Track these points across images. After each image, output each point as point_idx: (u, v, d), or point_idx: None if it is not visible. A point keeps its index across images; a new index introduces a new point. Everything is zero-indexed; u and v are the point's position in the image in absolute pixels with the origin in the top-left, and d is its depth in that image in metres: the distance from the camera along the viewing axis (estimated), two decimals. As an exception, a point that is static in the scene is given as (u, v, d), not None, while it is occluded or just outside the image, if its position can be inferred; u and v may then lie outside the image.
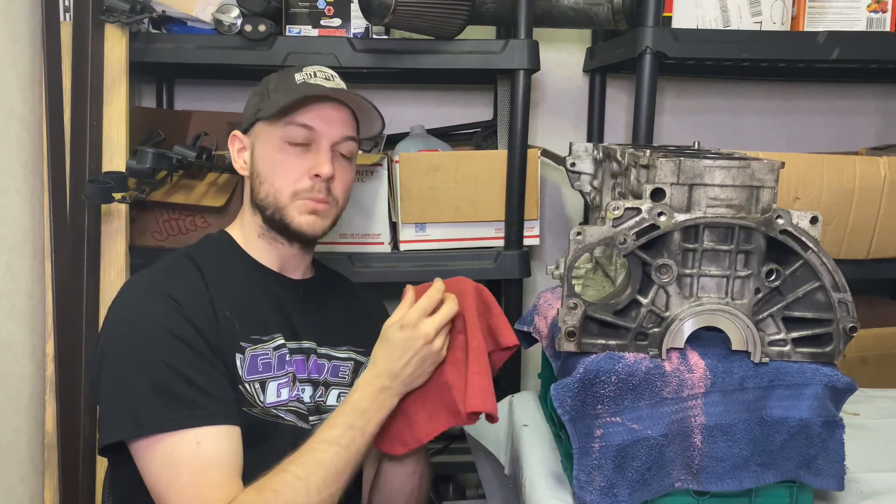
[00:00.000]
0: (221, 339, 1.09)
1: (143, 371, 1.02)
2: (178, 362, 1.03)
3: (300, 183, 1.17)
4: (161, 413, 1.00)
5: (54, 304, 1.46)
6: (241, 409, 1.08)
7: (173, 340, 1.04)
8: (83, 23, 1.47)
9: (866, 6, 1.67)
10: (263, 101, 1.21)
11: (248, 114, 1.24)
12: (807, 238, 0.93)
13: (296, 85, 1.20)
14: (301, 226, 1.18)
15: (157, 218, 1.65)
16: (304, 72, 1.22)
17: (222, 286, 1.14)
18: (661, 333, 0.95)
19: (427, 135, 1.87)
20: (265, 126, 1.20)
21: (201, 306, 1.09)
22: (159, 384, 1.01)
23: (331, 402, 1.20)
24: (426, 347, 1.09)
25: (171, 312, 1.06)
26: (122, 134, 1.52)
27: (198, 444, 0.99)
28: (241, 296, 1.15)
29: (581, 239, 0.93)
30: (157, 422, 1.00)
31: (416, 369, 1.09)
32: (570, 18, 1.74)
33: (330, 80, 1.23)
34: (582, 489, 0.93)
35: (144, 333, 1.05)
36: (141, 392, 1.01)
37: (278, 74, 1.24)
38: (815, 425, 0.94)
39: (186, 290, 1.10)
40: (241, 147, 1.24)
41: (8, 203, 1.41)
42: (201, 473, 0.99)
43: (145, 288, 1.11)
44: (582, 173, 1.25)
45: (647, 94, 1.60)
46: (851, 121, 2.17)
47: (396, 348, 1.09)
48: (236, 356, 1.10)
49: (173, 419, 1.00)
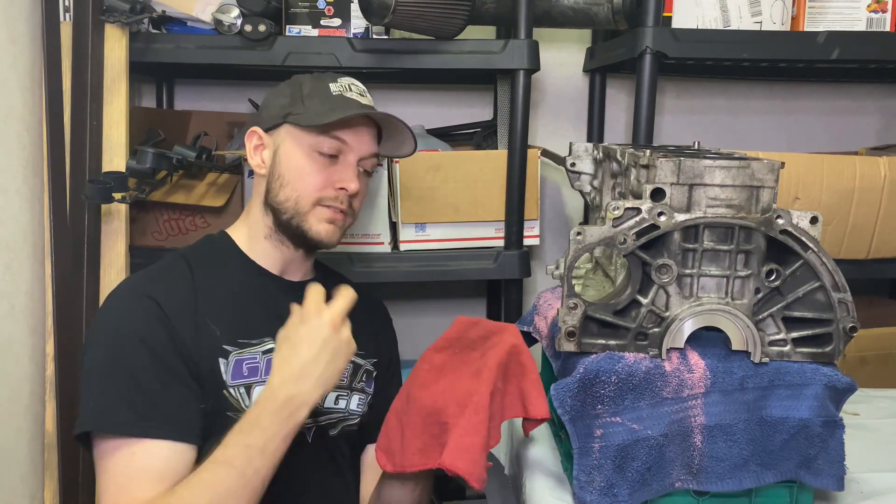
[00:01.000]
0: (200, 345, 1.09)
1: (108, 374, 1.04)
2: (141, 372, 1.04)
3: (325, 192, 1.19)
4: (110, 415, 1.02)
5: (54, 304, 1.46)
6: (227, 415, 1.08)
7: (142, 349, 1.05)
8: (83, 23, 1.47)
9: (866, 6, 1.67)
10: (296, 106, 1.20)
11: (273, 112, 1.22)
12: (807, 238, 0.93)
13: (333, 97, 1.20)
14: (319, 234, 1.19)
15: (157, 218, 1.65)
16: (340, 83, 1.23)
17: (212, 289, 1.14)
18: (661, 333, 0.95)
19: (427, 135, 1.87)
20: (295, 130, 1.19)
21: (182, 312, 1.09)
22: (117, 389, 1.03)
23: (328, 405, 1.20)
24: (335, 336, 1.01)
25: (149, 319, 1.07)
26: (122, 134, 1.52)
27: (132, 455, 1.00)
28: (232, 299, 1.15)
29: (581, 239, 0.93)
30: (99, 423, 1.02)
31: (327, 365, 1.00)
32: (570, 18, 1.74)
33: (363, 95, 1.25)
34: (582, 489, 0.93)
35: (117, 338, 1.06)
36: (99, 392, 1.03)
37: (311, 79, 1.23)
38: (815, 425, 0.94)
39: (172, 294, 1.11)
40: (260, 144, 1.23)
41: (8, 203, 1.41)
42: (123, 484, 0.99)
43: (130, 291, 1.12)
44: (582, 173, 1.25)
45: (647, 94, 1.60)
46: (851, 121, 2.17)
47: (301, 344, 1.00)
48: (219, 361, 1.10)
49: (116, 423, 1.01)
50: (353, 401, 1.24)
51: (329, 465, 1.21)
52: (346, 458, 1.24)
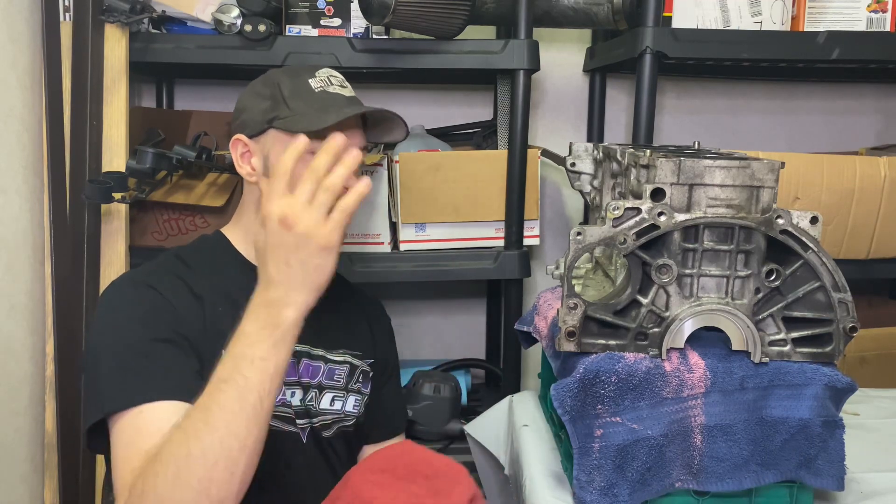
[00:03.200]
0: (204, 330, 1.08)
1: (113, 360, 1.02)
2: (145, 349, 1.02)
3: None
4: (116, 392, 0.99)
5: (54, 304, 1.46)
6: None
7: (143, 330, 1.03)
8: (83, 23, 1.47)
9: (866, 6, 1.67)
10: (280, 109, 1.17)
11: (256, 118, 1.19)
12: (807, 238, 0.93)
13: (316, 94, 1.17)
14: None
15: (157, 218, 1.65)
16: (318, 77, 1.19)
17: (209, 286, 1.14)
18: (661, 333, 0.95)
19: (427, 135, 1.88)
20: (282, 135, 1.16)
21: (183, 299, 1.09)
22: (121, 365, 1.01)
23: (323, 406, 1.19)
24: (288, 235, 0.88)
25: (151, 304, 1.06)
26: (122, 134, 1.52)
27: (139, 413, 0.97)
28: (227, 299, 1.14)
29: (581, 239, 0.93)
30: (112, 400, 0.99)
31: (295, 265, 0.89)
32: (570, 18, 1.74)
33: (345, 86, 1.22)
34: (582, 489, 0.93)
35: (117, 322, 1.05)
36: (104, 377, 1.01)
37: (288, 77, 1.20)
38: (816, 425, 0.94)
39: (169, 285, 1.10)
40: (246, 152, 1.20)
41: (8, 203, 1.41)
42: (131, 443, 0.96)
43: (129, 282, 1.12)
44: (582, 173, 1.25)
45: (647, 94, 1.59)
46: (851, 121, 2.17)
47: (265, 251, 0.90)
48: (222, 353, 1.09)
49: (126, 396, 0.99)
50: (350, 402, 1.23)
51: (324, 466, 1.21)
52: (341, 459, 1.23)
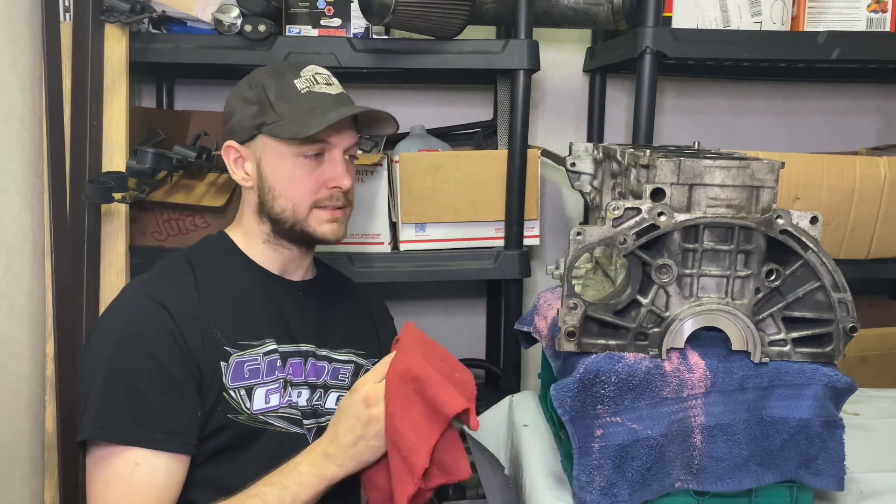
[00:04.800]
0: (205, 350, 1.09)
1: (112, 381, 1.04)
2: (144, 382, 1.04)
3: (319, 194, 1.18)
4: (110, 423, 1.02)
5: (54, 305, 1.46)
6: (227, 417, 1.08)
7: (146, 358, 1.05)
8: (83, 23, 1.47)
9: (866, 6, 1.67)
10: (267, 114, 1.16)
11: (244, 124, 1.18)
12: (807, 238, 0.93)
13: (302, 96, 1.16)
14: (326, 234, 1.19)
15: (157, 218, 1.65)
16: (304, 77, 1.19)
17: (215, 291, 1.14)
18: (661, 333, 0.95)
19: (427, 135, 1.88)
20: (271, 141, 1.17)
21: (190, 318, 1.09)
22: (120, 397, 1.03)
23: (329, 405, 1.20)
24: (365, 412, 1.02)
25: (157, 326, 1.07)
26: (122, 134, 1.52)
27: (135, 465, 1.01)
28: (234, 300, 1.15)
29: (581, 239, 0.93)
30: (102, 429, 1.02)
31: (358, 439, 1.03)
32: (569, 18, 1.74)
33: (331, 83, 1.21)
34: (582, 489, 0.93)
35: (121, 346, 1.06)
36: (101, 399, 1.03)
37: (273, 78, 1.18)
38: (815, 425, 0.94)
39: (179, 299, 1.10)
40: (239, 157, 1.20)
41: (8, 203, 1.41)
42: (126, 497, 1.00)
43: (139, 294, 1.12)
44: (582, 173, 1.25)
45: (647, 94, 1.60)
46: (851, 121, 2.17)
47: (341, 414, 1.05)
48: (220, 364, 1.09)
49: (118, 431, 1.02)
50: None
51: None
52: None
